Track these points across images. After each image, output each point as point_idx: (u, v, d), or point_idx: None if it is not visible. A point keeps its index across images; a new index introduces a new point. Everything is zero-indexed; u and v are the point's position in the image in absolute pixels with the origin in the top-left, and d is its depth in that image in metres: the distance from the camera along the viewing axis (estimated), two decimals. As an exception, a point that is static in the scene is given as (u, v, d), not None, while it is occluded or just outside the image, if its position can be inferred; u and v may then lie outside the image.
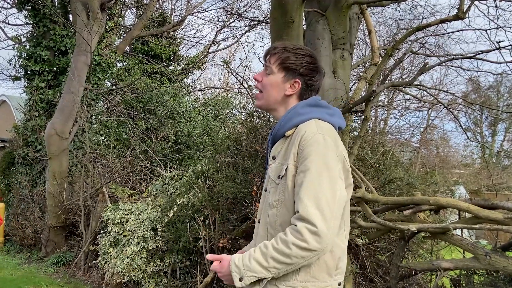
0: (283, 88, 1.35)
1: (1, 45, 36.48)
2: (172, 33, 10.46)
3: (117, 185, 5.75)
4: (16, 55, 7.50)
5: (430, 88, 5.64)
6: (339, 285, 1.29)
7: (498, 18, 4.61)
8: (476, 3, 4.11)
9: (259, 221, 1.37)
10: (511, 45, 4.10)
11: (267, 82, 1.37)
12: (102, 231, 4.90)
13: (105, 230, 4.78)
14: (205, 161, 4.44)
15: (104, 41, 7.58)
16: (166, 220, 4.06)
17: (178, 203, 4.03)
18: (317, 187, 1.16)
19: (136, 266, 4.18)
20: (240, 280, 1.20)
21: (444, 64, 6.03)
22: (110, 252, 4.52)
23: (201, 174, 4.16)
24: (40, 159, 7.15)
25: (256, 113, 4.17)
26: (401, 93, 9.47)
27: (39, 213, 6.60)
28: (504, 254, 2.48)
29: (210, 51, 11.24)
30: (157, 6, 10.07)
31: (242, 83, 5.19)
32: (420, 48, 6.86)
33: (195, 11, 10.43)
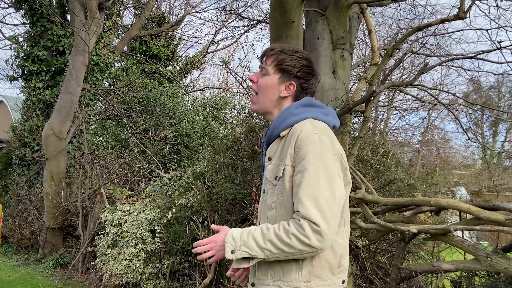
0: (278, 89, 1.35)
1: (-2, 45, 36.36)
2: (170, 33, 10.42)
3: (115, 186, 5.72)
4: (14, 55, 7.46)
5: (430, 89, 5.63)
6: (342, 282, 1.29)
7: (499, 17, 4.60)
8: (477, 2, 4.10)
9: (259, 224, 1.36)
10: (512, 45, 4.09)
11: (262, 83, 1.37)
12: (100, 233, 4.88)
13: (103, 232, 4.75)
14: (204, 162, 4.43)
15: (102, 41, 7.55)
16: (165, 222, 4.04)
17: (177, 204, 4.02)
18: (316, 187, 1.16)
19: (134, 268, 4.17)
20: (232, 252, 1.19)
21: (444, 64, 6.02)
22: (108, 253, 4.49)
23: (200, 175, 4.15)
24: (37, 160, 7.11)
25: (255, 114, 4.15)
26: (401, 93, 9.47)
27: (36, 214, 6.56)
28: (505, 256, 2.47)
29: (209, 51, 11.20)
30: (155, 6, 10.04)
31: (241, 83, 5.18)
32: (421, 48, 6.84)
33: (193, 10, 10.40)
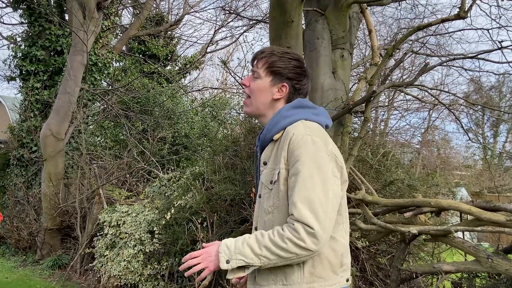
0: (271, 92, 1.35)
1: (-4, 45, 36.27)
2: (169, 32, 10.39)
3: (114, 187, 5.69)
4: (11, 55, 7.43)
5: (431, 89, 5.62)
6: (347, 281, 1.29)
7: (500, 17, 4.59)
8: (478, 2, 4.09)
9: (255, 229, 1.35)
10: (513, 44, 4.08)
11: (254, 87, 1.37)
12: (98, 234, 4.86)
13: (102, 233, 4.73)
14: (203, 162, 4.41)
15: (100, 40, 7.52)
16: (163, 223, 4.03)
17: (176, 205, 4.00)
18: (310, 189, 1.16)
19: (133, 269, 4.15)
20: (227, 262, 1.17)
21: (445, 64, 6.00)
22: (107, 255, 4.47)
23: (199, 176, 4.13)
24: (35, 161, 7.08)
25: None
26: (401, 93, 9.45)
27: (34, 215, 6.53)
28: (506, 257, 2.46)
29: (208, 51, 11.17)
30: (154, 5, 10.01)
31: (240, 84, 5.15)
32: (421, 48, 6.82)
33: (192, 10, 10.37)
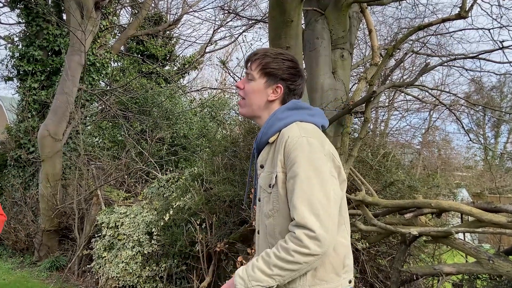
0: (266, 93, 1.35)
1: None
2: (168, 32, 10.36)
3: (112, 188, 5.66)
4: (9, 55, 7.38)
5: (431, 89, 5.61)
6: (349, 282, 1.29)
7: (502, 17, 4.56)
8: (479, 1, 4.07)
9: (258, 232, 1.36)
10: (514, 44, 4.06)
11: (249, 89, 1.37)
12: (96, 235, 4.83)
13: (100, 234, 4.70)
14: (201, 163, 4.40)
15: (98, 40, 7.48)
16: (162, 224, 4.01)
17: (174, 206, 3.98)
18: (309, 192, 1.16)
19: (131, 271, 4.12)
20: None
21: (446, 64, 5.99)
22: (105, 256, 4.44)
23: (198, 177, 4.11)
24: (33, 161, 7.04)
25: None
26: (402, 94, 9.43)
27: (32, 216, 6.49)
28: (507, 259, 2.44)
29: (206, 51, 11.15)
30: (152, 5, 9.98)
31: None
32: (422, 48, 6.80)
33: (191, 10, 10.34)
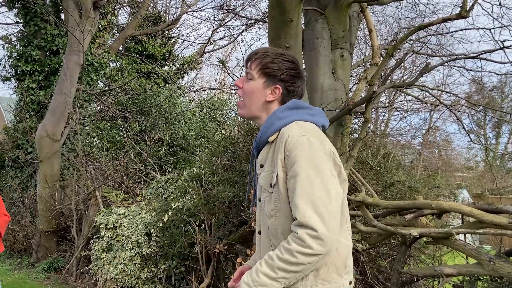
0: (264, 94, 1.34)
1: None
2: (166, 32, 10.33)
3: (110, 188, 5.64)
4: (6, 55, 7.36)
5: (432, 89, 5.60)
6: (350, 283, 1.29)
7: (502, 16, 4.55)
8: (480, 1, 4.07)
9: (259, 233, 1.35)
10: (515, 44, 4.05)
11: (248, 88, 1.36)
12: (94, 236, 4.81)
13: (98, 235, 4.68)
14: (200, 164, 4.38)
15: (96, 40, 7.45)
16: (161, 225, 3.99)
17: (173, 207, 3.96)
18: (310, 191, 1.15)
19: (129, 272, 4.10)
20: None
21: (446, 64, 5.98)
22: (103, 257, 4.42)
23: (197, 178, 4.09)
24: (31, 162, 7.01)
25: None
26: (402, 94, 9.41)
27: (30, 217, 6.46)
28: (508, 260, 2.43)
29: (206, 50, 11.13)
30: (151, 5, 9.96)
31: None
32: (422, 48, 6.78)
33: (190, 9, 10.32)
